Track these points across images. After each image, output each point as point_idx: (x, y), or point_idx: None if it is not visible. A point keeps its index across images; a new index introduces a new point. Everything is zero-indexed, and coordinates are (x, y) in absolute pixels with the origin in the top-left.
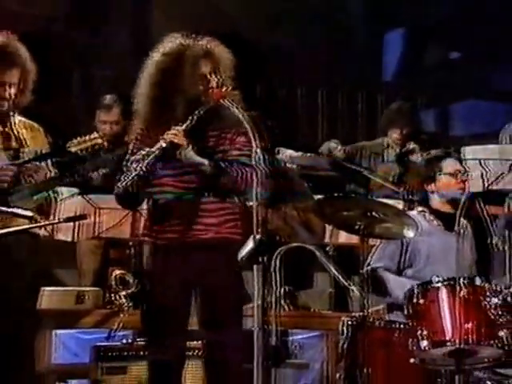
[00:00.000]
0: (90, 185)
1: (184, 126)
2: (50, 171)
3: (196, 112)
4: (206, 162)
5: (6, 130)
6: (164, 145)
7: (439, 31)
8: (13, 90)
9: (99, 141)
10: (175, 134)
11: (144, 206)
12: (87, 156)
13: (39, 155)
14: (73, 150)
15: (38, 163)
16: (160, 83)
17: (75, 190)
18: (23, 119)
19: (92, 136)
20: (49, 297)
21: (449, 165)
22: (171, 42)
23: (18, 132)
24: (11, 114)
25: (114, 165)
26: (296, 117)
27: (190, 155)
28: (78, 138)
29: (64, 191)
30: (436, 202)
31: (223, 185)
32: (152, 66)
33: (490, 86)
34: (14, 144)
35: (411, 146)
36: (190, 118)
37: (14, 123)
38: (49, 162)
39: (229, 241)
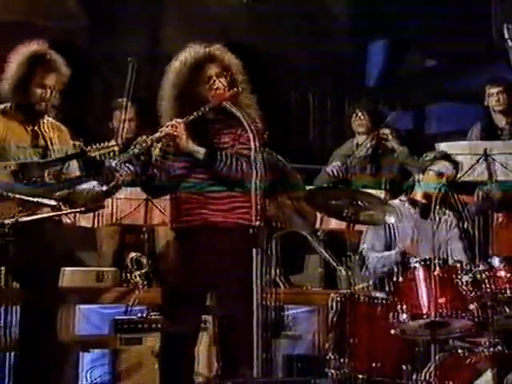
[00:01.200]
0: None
1: (184, 119)
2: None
3: (202, 108)
4: (202, 150)
5: (36, 128)
6: (158, 134)
7: (416, 42)
8: (49, 92)
9: (116, 148)
10: (174, 125)
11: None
12: (104, 160)
13: (65, 156)
14: (92, 154)
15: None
16: (176, 86)
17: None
18: (51, 120)
19: (110, 144)
20: (73, 276)
21: (440, 164)
22: (186, 51)
23: (46, 132)
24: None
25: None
26: (289, 118)
27: (187, 144)
28: (97, 144)
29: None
30: (418, 191)
31: (217, 172)
32: (170, 72)
33: (460, 91)
34: (41, 142)
35: (386, 132)
36: (195, 113)
37: (43, 123)
38: (74, 161)
39: (238, 225)
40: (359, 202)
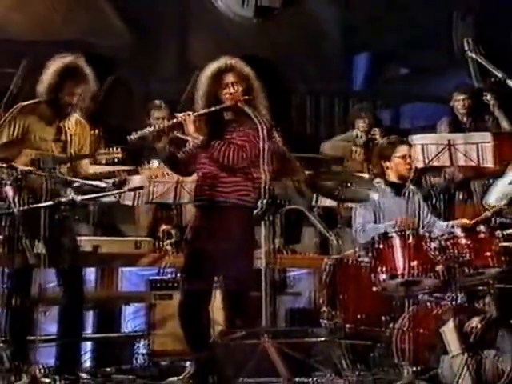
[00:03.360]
0: None
1: (196, 114)
2: None
3: (215, 107)
4: (200, 137)
5: (60, 125)
6: (171, 122)
7: (393, 54)
8: (76, 99)
9: (119, 155)
10: (185, 115)
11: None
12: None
13: (75, 156)
14: (98, 157)
15: None
16: (204, 90)
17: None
18: (77, 116)
19: (115, 150)
20: (115, 244)
21: (402, 150)
22: (214, 62)
23: (70, 128)
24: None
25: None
26: (291, 115)
27: (190, 131)
28: (105, 149)
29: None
30: (390, 175)
31: (211, 155)
32: (201, 79)
33: (428, 93)
34: (63, 137)
35: (376, 131)
36: (207, 109)
37: (69, 120)
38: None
39: (236, 204)
40: (348, 184)
